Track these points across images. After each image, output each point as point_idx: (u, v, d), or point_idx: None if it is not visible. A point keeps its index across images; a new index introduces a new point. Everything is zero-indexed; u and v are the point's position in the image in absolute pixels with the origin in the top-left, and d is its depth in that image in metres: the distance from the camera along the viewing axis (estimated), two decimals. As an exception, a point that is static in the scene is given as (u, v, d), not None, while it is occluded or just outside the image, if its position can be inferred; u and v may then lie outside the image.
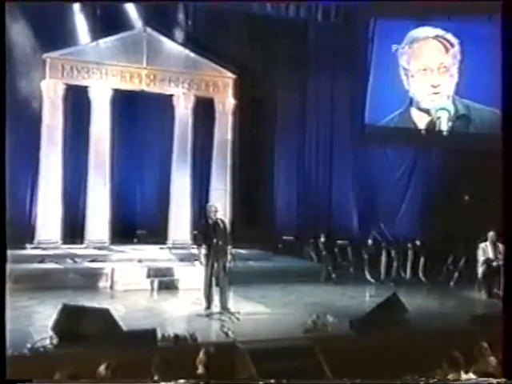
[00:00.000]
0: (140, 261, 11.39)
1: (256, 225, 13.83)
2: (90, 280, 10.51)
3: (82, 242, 12.24)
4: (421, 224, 14.59)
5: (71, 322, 6.63)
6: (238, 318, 8.11)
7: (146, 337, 6.74)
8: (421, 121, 14.90)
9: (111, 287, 10.48)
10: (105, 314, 6.81)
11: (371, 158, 15.28)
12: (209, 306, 8.69)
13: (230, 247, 8.80)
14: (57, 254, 11.45)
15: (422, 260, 12.19)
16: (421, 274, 12.20)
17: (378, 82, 14.33)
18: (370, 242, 13.16)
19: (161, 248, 12.66)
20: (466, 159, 13.98)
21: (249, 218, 13.52)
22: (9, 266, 6.15)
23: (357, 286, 11.50)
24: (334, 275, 12.01)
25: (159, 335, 6.89)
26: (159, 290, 10.27)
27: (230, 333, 7.15)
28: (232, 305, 8.70)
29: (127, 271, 10.70)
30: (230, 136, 13.08)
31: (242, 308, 8.66)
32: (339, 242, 13.40)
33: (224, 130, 13.06)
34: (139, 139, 13.54)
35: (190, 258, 11.61)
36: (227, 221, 9.65)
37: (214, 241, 8.65)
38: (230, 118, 13.07)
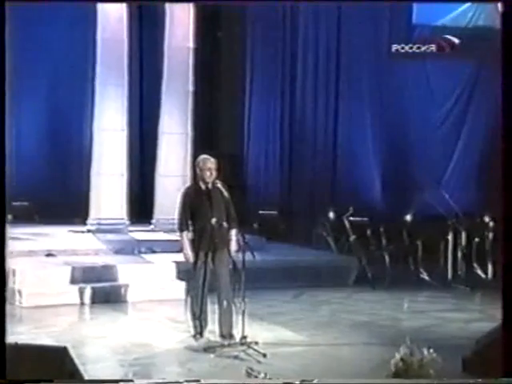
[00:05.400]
0: (51, 254, 10.77)
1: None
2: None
3: None
4: (481, 191, 14.32)
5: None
6: (264, 354, 7.38)
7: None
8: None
9: (8, 302, 9.60)
10: (59, 355, 5.95)
11: (402, 85, 14.85)
12: (201, 332, 7.92)
13: (235, 231, 8.02)
14: None
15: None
16: (514, 274, 11.84)
17: None
18: (408, 218, 12.89)
19: (72, 231, 11.96)
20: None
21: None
22: None
23: (409, 291, 11.20)
24: (369, 274, 11.63)
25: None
26: (94, 304, 9.71)
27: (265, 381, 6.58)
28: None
29: (36, 274, 9.82)
30: (192, 43, 12.31)
31: (256, 335, 7.90)
32: (353, 219, 13.03)
33: (183, 31, 12.26)
34: (37, 41, 12.81)
35: (133, 248, 11.24)
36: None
37: (213, 220, 7.87)
38: (191, 12, 12.27)
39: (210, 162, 8.06)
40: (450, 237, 12.00)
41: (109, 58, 11.86)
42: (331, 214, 13.20)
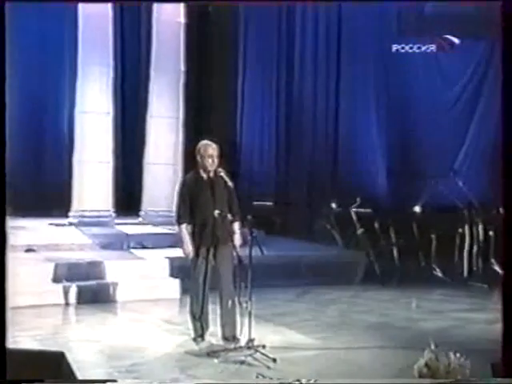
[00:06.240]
0: (31, 249, 10.78)
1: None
2: None
3: None
4: (497, 179, 14.19)
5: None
6: (273, 359, 7.24)
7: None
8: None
9: (-14, 302, 9.51)
10: (57, 360, 5.83)
11: (410, 65, 14.65)
12: (202, 335, 7.80)
13: (238, 224, 7.91)
14: None
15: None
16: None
17: None
18: (418, 209, 12.85)
19: (54, 225, 11.82)
20: None
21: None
22: None
23: (422, 288, 11.10)
24: (378, 270, 11.64)
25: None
26: (80, 304, 9.65)
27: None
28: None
29: (15, 271, 9.52)
30: (183, 18, 12.16)
31: (262, 338, 7.66)
32: (357, 210, 12.98)
33: (172, 4, 12.17)
34: (8, 17, 12.57)
35: (122, 243, 11.20)
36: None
37: (216, 212, 7.73)
38: (181, -16, 12.22)
39: (211, 149, 7.92)
40: (464, 229, 11.97)
41: (92, 34, 11.72)
42: (334, 206, 13.14)
